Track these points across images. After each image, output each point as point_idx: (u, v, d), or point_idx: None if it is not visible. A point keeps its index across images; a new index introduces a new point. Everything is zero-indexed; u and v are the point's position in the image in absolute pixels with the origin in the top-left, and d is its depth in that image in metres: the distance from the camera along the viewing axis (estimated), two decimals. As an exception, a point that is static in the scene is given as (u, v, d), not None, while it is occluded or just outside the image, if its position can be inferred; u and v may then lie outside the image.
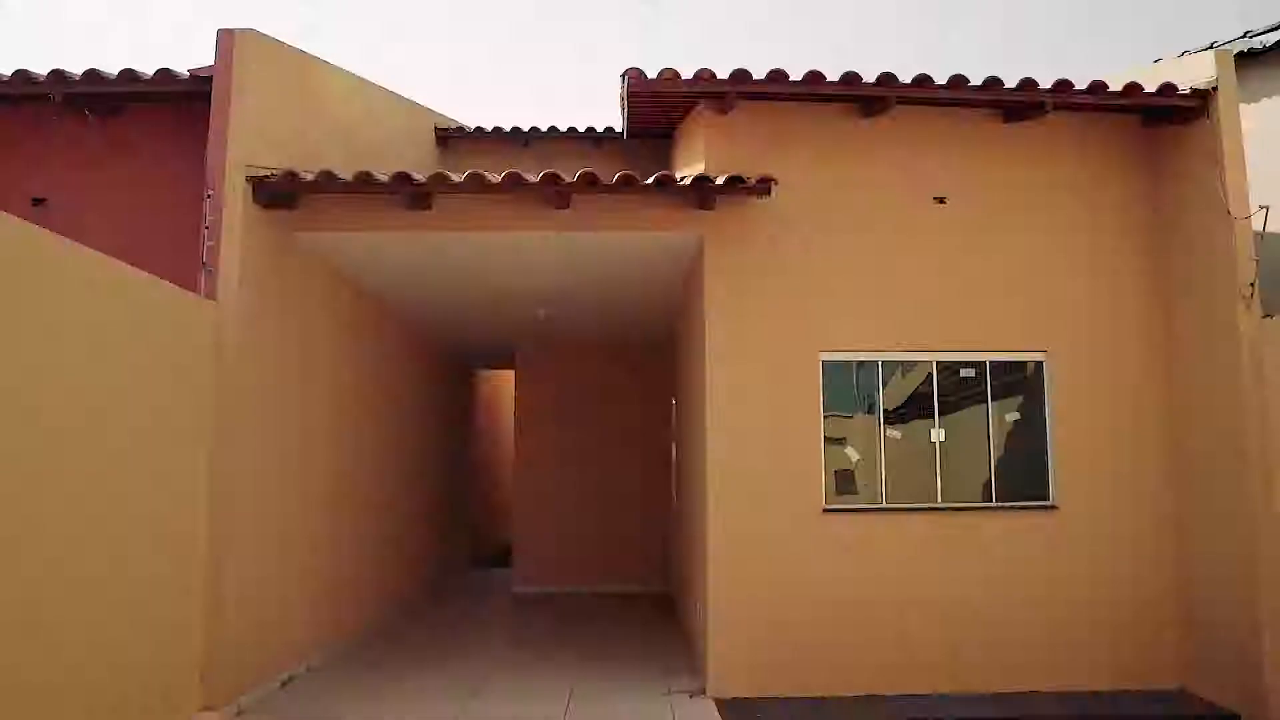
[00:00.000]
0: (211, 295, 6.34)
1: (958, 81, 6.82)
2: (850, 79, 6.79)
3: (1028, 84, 6.83)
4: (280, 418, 7.20)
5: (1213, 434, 6.88)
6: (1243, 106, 7.07)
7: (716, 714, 6.60)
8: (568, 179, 6.78)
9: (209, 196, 6.34)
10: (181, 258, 6.72)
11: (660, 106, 7.97)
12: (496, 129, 11.25)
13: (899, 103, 7.01)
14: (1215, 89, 6.83)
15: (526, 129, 11.08)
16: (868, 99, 7.10)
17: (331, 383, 8.45)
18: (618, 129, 10.80)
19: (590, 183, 6.77)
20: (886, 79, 6.82)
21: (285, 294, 7.28)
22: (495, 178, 6.77)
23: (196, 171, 6.76)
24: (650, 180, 6.79)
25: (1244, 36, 8.70)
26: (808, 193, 7.33)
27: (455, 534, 14.71)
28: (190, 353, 6.06)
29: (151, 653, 5.57)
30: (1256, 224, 6.66)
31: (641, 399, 13.21)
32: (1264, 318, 6.57)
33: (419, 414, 12.07)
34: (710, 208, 7.13)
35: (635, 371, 13.30)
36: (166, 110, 7.21)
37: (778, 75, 6.76)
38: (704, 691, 7.02)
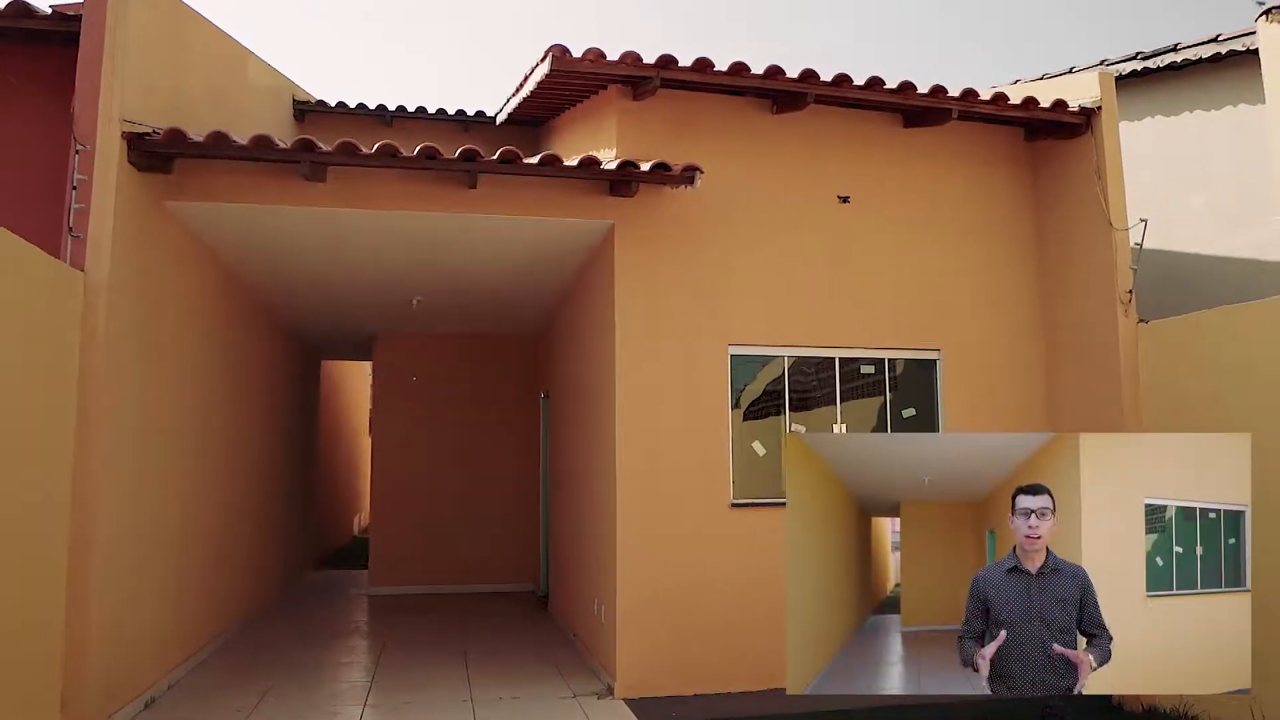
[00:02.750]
0: (79, 265, 5.53)
1: (874, 83, 6.95)
2: (774, 72, 6.77)
3: (938, 90, 7.05)
4: (145, 410, 6.40)
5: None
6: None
7: (630, 714, 6.44)
8: (486, 155, 6.41)
9: (79, 152, 5.52)
10: (28, 219, 5.87)
11: (566, 89, 7.70)
12: (360, 105, 10.54)
13: (816, 101, 7.06)
14: (1099, 108, 7.30)
15: (393, 107, 10.48)
16: (784, 94, 7.11)
17: (196, 372, 7.62)
18: (489, 114, 10.36)
19: (508, 160, 6.43)
20: (808, 75, 6.85)
21: (152, 269, 6.48)
22: (408, 151, 6.31)
23: (48, 124, 5.92)
24: (574, 162, 6.51)
25: (1101, 64, 9.35)
26: (717, 184, 7.24)
27: (302, 534, 13.77)
28: (56, 331, 5.26)
29: (5, 680, 4.78)
30: (1135, 235, 7.15)
31: (511, 391, 12.76)
32: (1140, 322, 7.07)
33: (272, 406, 11.17)
34: (625, 194, 6.93)
35: (505, 363, 12.84)
36: (16, 51, 6.25)
37: (703, 63, 6.65)
38: (612, 692, 6.83)
